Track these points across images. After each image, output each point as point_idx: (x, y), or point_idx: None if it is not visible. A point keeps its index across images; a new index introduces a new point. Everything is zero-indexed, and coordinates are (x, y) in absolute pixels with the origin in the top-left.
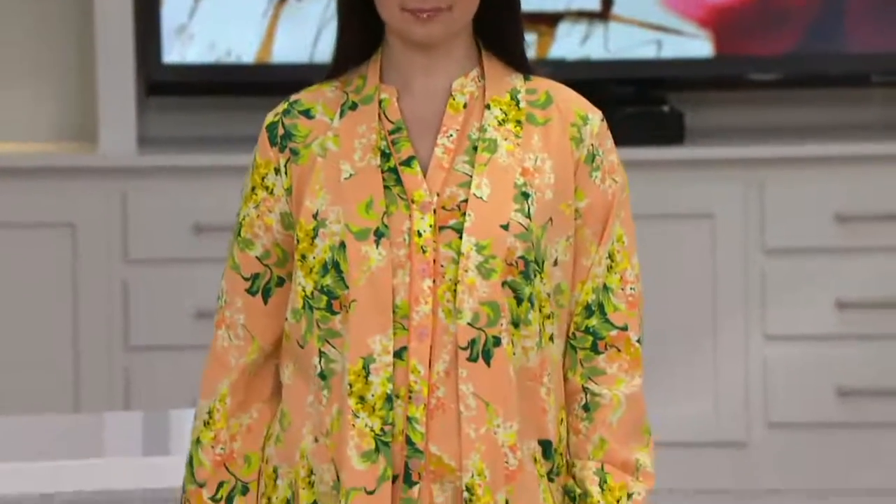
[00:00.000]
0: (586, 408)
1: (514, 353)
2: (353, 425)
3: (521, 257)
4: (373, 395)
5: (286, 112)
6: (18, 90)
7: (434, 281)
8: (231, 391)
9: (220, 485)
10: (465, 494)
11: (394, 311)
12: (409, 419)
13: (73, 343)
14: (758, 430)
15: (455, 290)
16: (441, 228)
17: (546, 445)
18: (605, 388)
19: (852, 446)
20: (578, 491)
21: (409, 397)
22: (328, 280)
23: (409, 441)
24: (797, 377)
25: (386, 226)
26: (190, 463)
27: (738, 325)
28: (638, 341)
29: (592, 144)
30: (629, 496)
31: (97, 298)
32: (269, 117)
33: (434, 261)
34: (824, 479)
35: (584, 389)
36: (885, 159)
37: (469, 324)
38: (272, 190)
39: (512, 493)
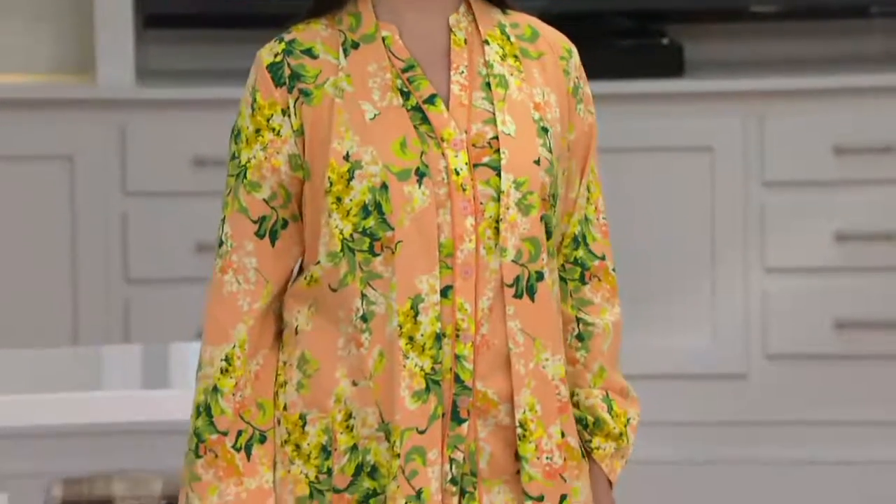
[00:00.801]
0: (580, 337)
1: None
2: (404, 366)
3: (549, 191)
4: (422, 335)
5: (287, 52)
6: (16, 21)
7: (475, 218)
8: (249, 337)
9: (239, 433)
10: (519, 430)
11: (438, 251)
12: (457, 357)
13: (72, 276)
14: (756, 362)
15: (496, 227)
16: (475, 166)
17: None
18: (596, 317)
19: (850, 378)
20: (591, 419)
21: (457, 335)
22: (371, 222)
23: (457, 379)
24: (796, 309)
25: (426, 165)
26: (207, 412)
27: (738, 257)
28: (613, 270)
29: (577, 77)
30: (628, 421)
31: (96, 231)
32: (268, 57)
33: (474, 198)
34: (822, 410)
35: (577, 319)
36: (885, 91)
37: (513, 261)
38: (279, 131)
39: (566, 422)
